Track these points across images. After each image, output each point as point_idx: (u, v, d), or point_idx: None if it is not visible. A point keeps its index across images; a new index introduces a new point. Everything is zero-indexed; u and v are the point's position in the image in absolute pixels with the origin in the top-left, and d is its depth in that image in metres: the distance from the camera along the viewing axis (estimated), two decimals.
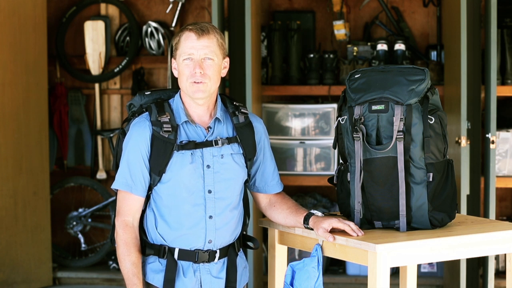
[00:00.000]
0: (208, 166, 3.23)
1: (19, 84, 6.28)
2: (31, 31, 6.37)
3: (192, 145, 3.22)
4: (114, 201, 3.33)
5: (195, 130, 3.26)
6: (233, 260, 3.31)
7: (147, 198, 3.27)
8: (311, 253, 3.26)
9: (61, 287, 6.64)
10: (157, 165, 3.20)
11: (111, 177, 6.97)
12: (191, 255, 3.24)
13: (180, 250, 3.23)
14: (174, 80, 6.72)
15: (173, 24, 6.84)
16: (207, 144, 3.24)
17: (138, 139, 3.23)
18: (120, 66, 6.90)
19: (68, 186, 6.92)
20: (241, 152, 3.31)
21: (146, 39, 6.89)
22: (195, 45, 3.21)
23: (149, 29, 6.87)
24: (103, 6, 7.00)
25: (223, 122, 3.31)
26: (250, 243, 3.43)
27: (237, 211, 3.31)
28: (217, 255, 3.27)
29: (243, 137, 3.31)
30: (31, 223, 6.37)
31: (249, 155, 3.32)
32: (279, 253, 3.52)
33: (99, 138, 6.99)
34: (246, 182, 3.37)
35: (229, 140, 3.28)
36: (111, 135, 6.75)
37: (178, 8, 6.83)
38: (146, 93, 3.36)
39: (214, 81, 3.24)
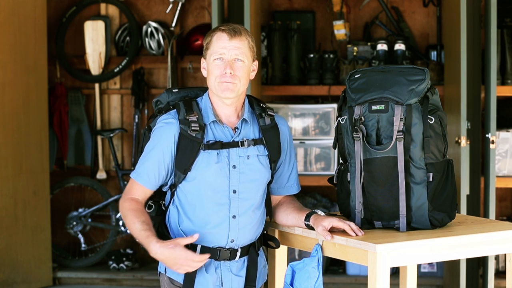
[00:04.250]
0: (234, 166, 3.26)
1: (19, 84, 6.28)
2: (31, 31, 6.37)
3: (219, 145, 3.24)
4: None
5: (222, 130, 3.28)
6: (254, 259, 3.34)
7: (171, 195, 3.29)
8: (311, 253, 3.26)
9: (61, 287, 6.64)
10: (183, 163, 3.22)
11: (111, 177, 6.97)
12: (213, 252, 3.26)
13: (202, 247, 3.25)
14: (174, 80, 6.73)
15: (173, 24, 6.84)
16: (234, 144, 3.27)
17: (164, 135, 3.25)
18: (120, 66, 6.90)
19: (68, 186, 6.92)
20: (267, 153, 3.33)
21: (146, 39, 6.89)
22: (227, 45, 3.24)
23: (149, 29, 6.87)
24: (103, 6, 7.00)
25: (250, 123, 3.33)
26: (270, 243, 3.44)
27: (259, 212, 3.34)
28: (238, 253, 3.29)
29: (269, 139, 3.33)
30: (31, 223, 6.37)
31: (274, 157, 3.35)
32: (279, 253, 3.53)
33: (99, 138, 6.99)
34: (269, 183, 3.39)
35: (255, 142, 3.31)
36: (111, 135, 6.75)
37: (178, 8, 6.83)
38: (173, 90, 3.39)
39: (243, 82, 3.27)
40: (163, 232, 3.31)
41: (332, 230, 3.22)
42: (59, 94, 6.97)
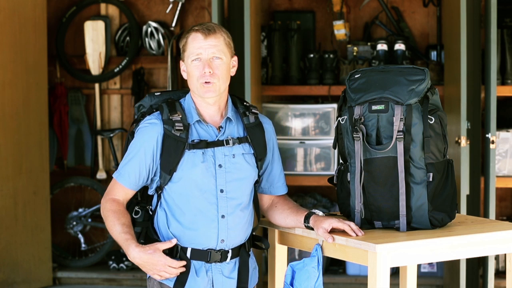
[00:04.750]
0: (220, 166, 3.25)
1: (19, 84, 6.28)
2: (31, 31, 6.37)
3: (204, 144, 3.23)
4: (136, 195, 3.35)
5: (206, 129, 3.27)
6: (245, 260, 3.33)
7: (158, 198, 3.28)
8: (311, 253, 3.26)
9: (61, 287, 6.64)
10: (168, 163, 3.21)
11: (111, 177, 6.95)
12: (204, 255, 3.24)
13: (192, 249, 3.24)
14: (174, 80, 6.73)
15: (173, 24, 6.84)
16: (219, 143, 3.26)
17: (146, 135, 3.24)
18: (120, 66, 6.90)
19: (68, 186, 6.92)
20: (252, 152, 3.32)
21: (146, 39, 6.89)
22: (203, 45, 3.23)
23: (149, 29, 6.87)
24: (103, 6, 7.00)
25: (234, 122, 3.32)
26: (259, 244, 3.43)
27: (248, 211, 3.33)
28: (229, 255, 3.28)
29: (254, 137, 3.32)
30: (31, 223, 6.37)
31: (260, 155, 3.34)
32: (279, 253, 3.53)
33: (99, 138, 7.00)
34: (255, 182, 3.37)
35: (240, 140, 3.30)
36: (111, 135, 6.75)
37: (178, 8, 6.83)
38: (156, 93, 3.37)
39: (224, 80, 3.26)
40: (152, 237, 3.28)
41: (332, 231, 3.22)
42: (59, 94, 6.97)
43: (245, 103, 3.37)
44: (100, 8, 7.01)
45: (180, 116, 3.24)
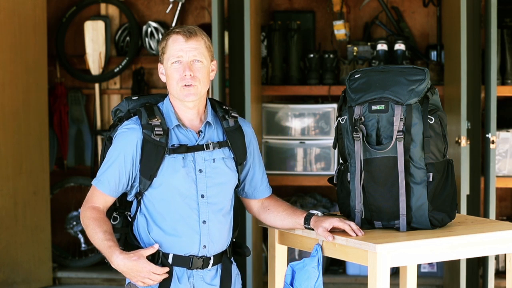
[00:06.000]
0: (200, 171, 3.21)
1: (19, 84, 6.28)
2: (31, 31, 6.37)
3: (184, 149, 3.19)
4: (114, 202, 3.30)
5: (186, 134, 3.24)
6: (227, 267, 3.29)
7: (138, 203, 3.25)
8: (311, 253, 3.26)
9: (61, 287, 6.64)
10: (148, 169, 3.17)
11: None
12: (185, 261, 3.21)
13: (174, 255, 3.20)
14: None
15: (173, 24, 6.84)
16: (199, 148, 3.22)
17: (125, 141, 3.19)
18: (120, 66, 6.90)
19: (68, 186, 6.92)
20: (232, 156, 3.29)
21: (146, 39, 6.89)
22: (184, 47, 3.19)
23: (149, 29, 6.88)
24: (103, 6, 7.00)
25: (214, 126, 3.28)
26: (240, 250, 3.40)
27: (229, 217, 3.30)
28: (211, 261, 3.25)
29: (234, 141, 3.28)
30: (31, 223, 6.37)
31: (240, 159, 3.30)
32: (279, 253, 3.53)
33: (99, 138, 7.00)
34: (236, 187, 3.35)
35: (220, 144, 3.26)
36: None
37: (178, 8, 6.83)
38: (133, 98, 3.32)
39: (204, 83, 3.22)
40: (132, 243, 3.25)
41: (332, 230, 3.22)
42: (59, 94, 6.97)
43: (224, 107, 3.32)
44: (100, 8, 7.02)
45: (159, 120, 3.20)
